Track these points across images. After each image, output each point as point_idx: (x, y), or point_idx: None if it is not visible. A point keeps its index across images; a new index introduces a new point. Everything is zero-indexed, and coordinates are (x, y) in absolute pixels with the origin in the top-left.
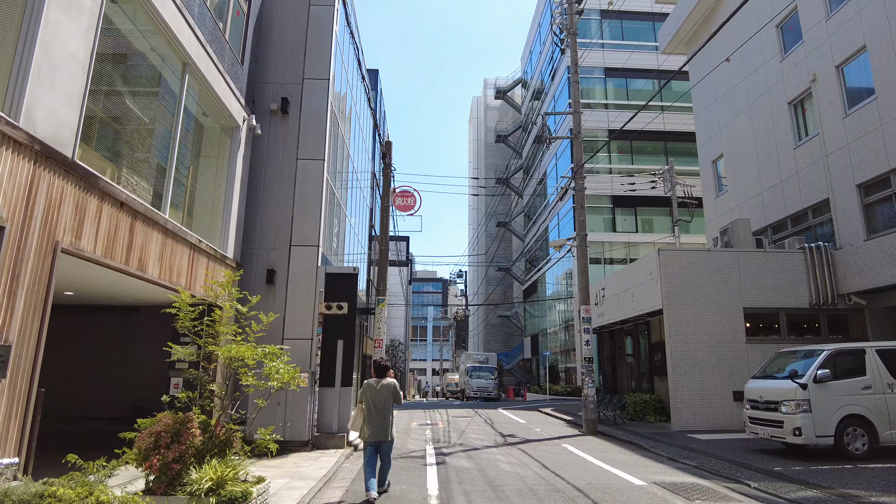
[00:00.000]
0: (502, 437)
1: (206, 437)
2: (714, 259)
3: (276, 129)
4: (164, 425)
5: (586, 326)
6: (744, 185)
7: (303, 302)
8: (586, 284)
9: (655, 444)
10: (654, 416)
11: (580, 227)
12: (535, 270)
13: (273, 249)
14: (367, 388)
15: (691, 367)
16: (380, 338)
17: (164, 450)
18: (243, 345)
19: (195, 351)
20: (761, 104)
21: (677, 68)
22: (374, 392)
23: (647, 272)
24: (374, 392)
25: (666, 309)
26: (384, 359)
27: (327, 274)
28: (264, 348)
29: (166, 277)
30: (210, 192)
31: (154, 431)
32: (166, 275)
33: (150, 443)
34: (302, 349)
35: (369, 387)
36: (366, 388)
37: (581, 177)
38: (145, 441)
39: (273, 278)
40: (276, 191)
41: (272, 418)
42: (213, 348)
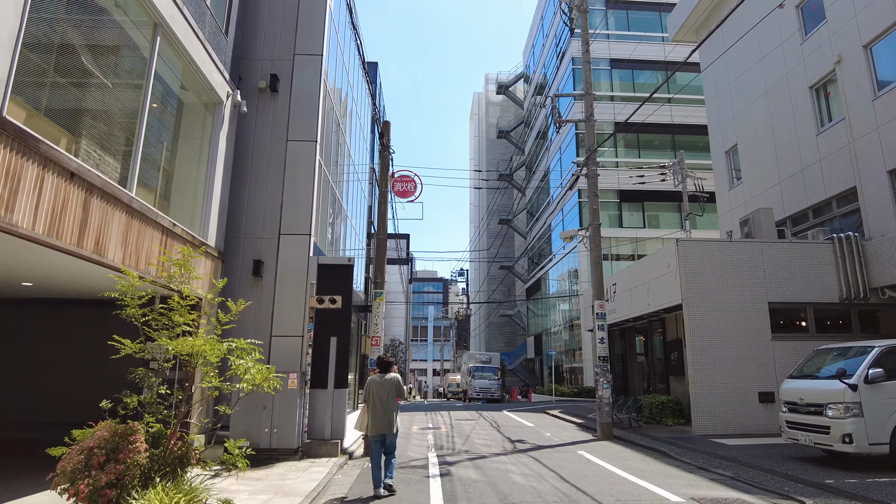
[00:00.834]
0: (511, 442)
1: (157, 452)
2: (736, 250)
3: (264, 108)
4: (97, 439)
5: (600, 323)
6: (760, 175)
7: (293, 296)
8: (600, 278)
9: (680, 450)
10: (672, 419)
11: (593, 217)
12: (539, 268)
13: (261, 238)
14: (371, 383)
15: (713, 365)
16: (377, 335)
17: (95, 471)
18: (202, 338)
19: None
20: (779, 90)
21: (685, 59)
22: (379, 386)
23: (664, 265)
24: (378, 386)
25: (686, 303)
26: (388, 354)
27: (320, 265)
28: (231, 343)
29: (132, 264)
30: (190, 174)
31: (85, 448)
32: (132, 261)
33: (78, 462)
34: (292, 347)
35: (374, 382)
36: (370, 384)
37: (594, 162)
38: (73, 460)
39: (260, 270)
40: (265, 175)
41: (257, 424)
42: (164, 342)
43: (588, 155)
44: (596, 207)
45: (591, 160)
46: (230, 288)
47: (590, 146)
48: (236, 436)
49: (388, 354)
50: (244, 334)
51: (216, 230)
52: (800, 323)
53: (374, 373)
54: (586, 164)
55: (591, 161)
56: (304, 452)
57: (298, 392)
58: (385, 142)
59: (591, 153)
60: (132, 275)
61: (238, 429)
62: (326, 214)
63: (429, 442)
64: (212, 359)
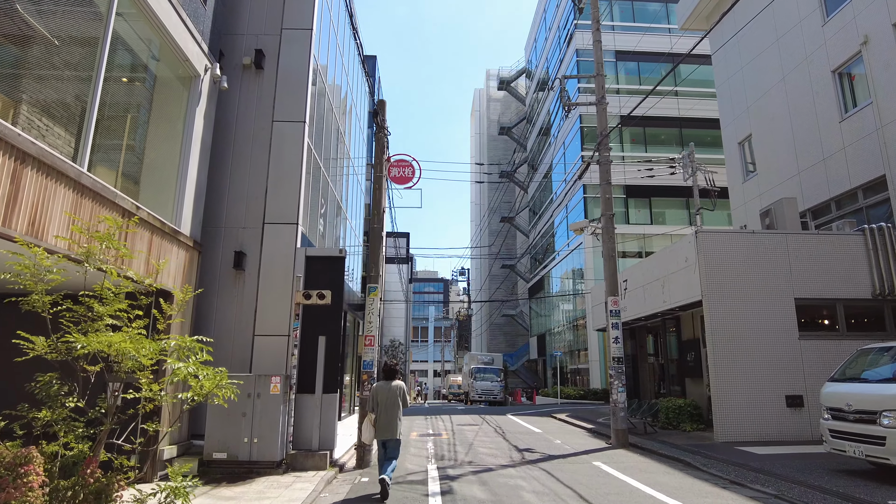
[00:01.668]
0: (518, 451)
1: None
2: (760, 242)
3: (248, 86)
4: None
5: (614, 321)
6: (777, 166)
7: (278, 291)
8: (614, 272)
9: (706, 460)
10: (690, 425)
11: (606, 206)
12: (542, 267)
13: (243, 228)
14: (377, 389)
15: (736, 367)
16: (371, 334)
17: None
18: (123, 334)
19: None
20: (798, 75)
21: (697, 42)
22: (384, 393)
23: (681, 259)
24: (384, 393)
25: (706, 300)
26: (394, 362)
27: (308, 257)
28: (170, 341)
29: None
30: (163, 154)
31: None
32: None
33: None
34: (276, 348)
35: (380, 388)
36: (377, 390)
37: (606, 148)
38: None
39: (242, 262)
40: (248, 158)
41: (236, 433)
42: (75, 337)
43: (600, 140)
44: (609, 196)
45: (603, 145)
46: (209, 282)
47: (601, 130)
48: (212, 447)
49: (395, 362)
50: (224, 335)
51: (191, 217)
52: (829, 320)
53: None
54: (598, 150)
55: (603, 146)
56: (288, 465)
57: (281, 398)
58: (380, 121)
59: (602, 138)
60: (39, 252)
61: (214, 438)
62: (317, 204)
63: (428, 451)
64: (143, 360)
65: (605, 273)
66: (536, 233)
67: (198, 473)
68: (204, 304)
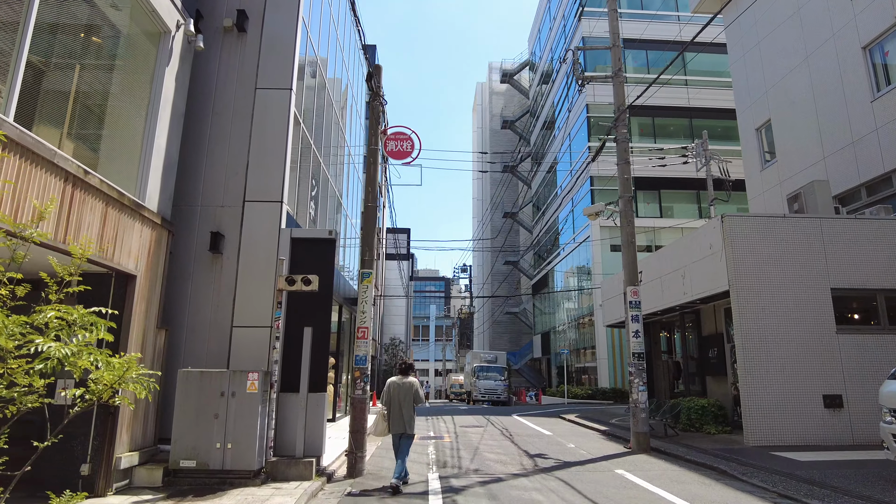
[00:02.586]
0: (530, 457)
1: None
2: (792, 228)
3: (229, 51)
4: None
5: (634, 313)
6: (799, 152)
7: (260, 276)
8: (633, 260)
9: (743, 468)
10: (715, 427)
11: (624, 188)
12: (546, 263)
13: (221, 207)
14: (391, 385)
15: (768, 363)
16: (364, 326)
17: None
18: None
19: None
20: (823, 54)
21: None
22: (398, 388)
23: (704, 246)
24: (398, 388)
25: (734, 290)
26: (408, 359)
27: (294, 239)
28: (46, 312)
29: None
30: (125, 118)
31: None
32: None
33: None
34: (258, 341)
35: (394, 384)
36: (391, 385)
37: (623, 124)
38: None
39: (219, 244)
40: (228, 130)
41: (207, 437)
42: None
43: (617, 116)
44: (627, 177)
45: (620, 122)
46: (182, 267)
47: (619, 106)
48: (179, 453)
49: (410, 361)
50: (199, 326)
51: (159, 191)
52: (868, 313)
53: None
54: (615, 127)
55: (621, 123)
56: (268, 475)
57: (260, 397)
58: (374, 86)
59: (620, 113)
60: None
61: (182, 444)
62: (308, 185)
63: (429, 457)
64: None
65: (624, 261)
66: (540, 228)
67: (162, 484)
68: (176, 291)
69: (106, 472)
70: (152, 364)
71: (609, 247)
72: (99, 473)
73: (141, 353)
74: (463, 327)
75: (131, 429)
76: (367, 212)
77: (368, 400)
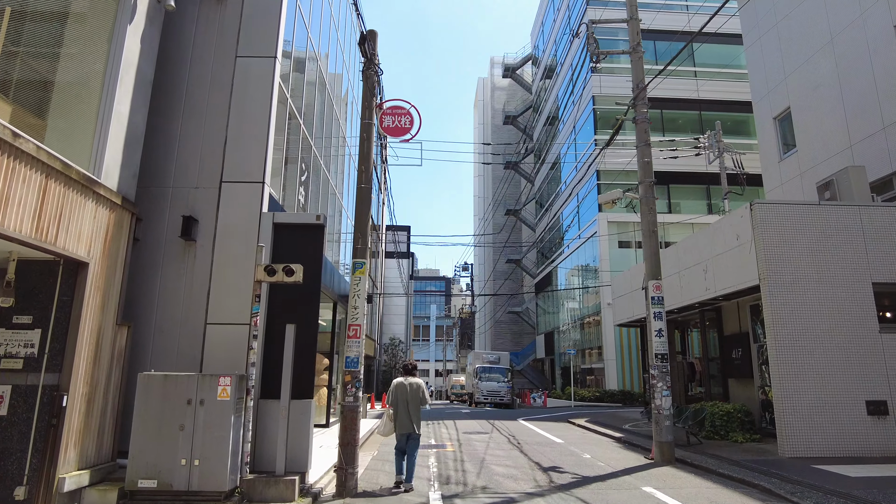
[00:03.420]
0: (543, 471)
1: None
2: (829, 217)
3: (207, 16)
4: None
5: (657, 310)
6: (822, 140)
7: (239, 267)
8: (656, 251)
9: (789, 486)
10: (742, 434)
11: (644, 173)
12: (549, 262)
13: (195, 188)
14: (398, 386)
15: (804, 365)
16: (356, 323)
17: None
18: None
19: None
20: (850, 35)
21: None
22: (405, 389)
23: (731, 237)
24: (404, 389)
25: (766, 284)
26: (412, 361)
27: (277, 225)
28: None
29: None
30: (78, 81)
31: None
32: None
33: None
34: (235, 340)
35: (400, 385)
36: (397, 386)
37: (644, 103)
38: None
39: (192, 230)
40: (204, 102)
41: (171, 452)
42: None
43: (636, 94)
44: (647, 160)
45: (640, 100)
46: (149, 255)
47: (638, 83)
48: (138, 471)
49: (412, 361)
50: (169, 323)
51: (120, 167)
52: None
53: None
54: (633, 106)
55: (640, 101)
56: (242, 495)
57: (232, 405)
58: (368, 52)
59: (639, 91)
60: None
61: (142, 460)
62: (298, 169)
63: (430, 471)
64: None
65: (645, 253)
66: (544, 226)
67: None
68: (142, 283)
69: (46, 495)
70: (111, 366)
71: (617, 243)
72: (36, 497)
73: (96, 353)
74: (464, 327)
75: (81, 443)
76: (360, 194)
77: (365, 406)
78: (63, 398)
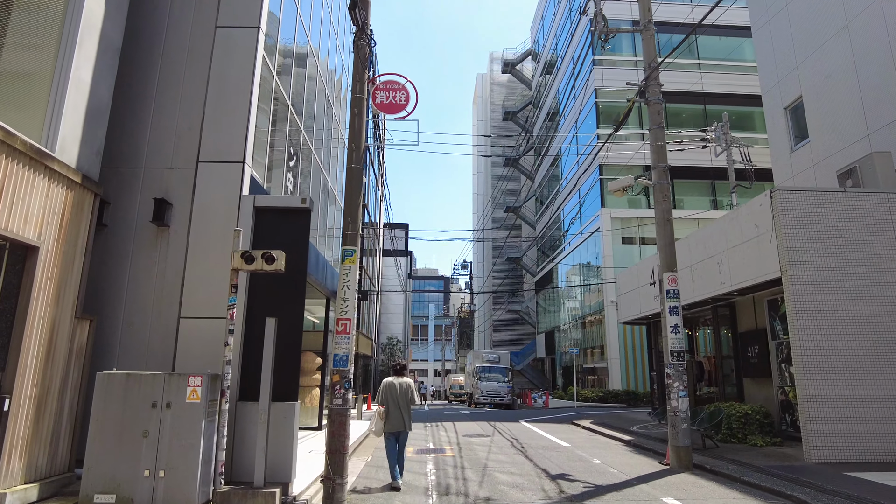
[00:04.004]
0: (551, 479)
1: None
2: (855, 204)
3: None
4: None
5: (673, 304)
6: (837, 129)
7: (216, 255)
8: (671, 241)
9: (828, 498)
10: (762, 438)
11: (658, 156)
12: (549, 259)
13: (170, 169)
14: (388, 386)
15: (831, 364)
16: (345, 317)
17: None
18: None
19: None
20: (868, 18)
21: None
22: (395, 389)
23: (749, 227)
24: (394, 389)
25: (788, 277)
26: (403, 360)
27: (259, 209)
28: None
29: None
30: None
31: None
32: None
33: None
34: (212, 336)
35: (390, 384)
36: (387, 386)
37: (656, 83)
38: None
39: (165, 214)
40: (181, 76)
41: (132, 461)
42: None
43: (648, 73)
44: (661, 144)
45: (653, 80)
46: (118, 242)
47: (650, 62)
48: (93, 484)
49: (404, 362)
50: (139, 316)
51: (80, 141)
52: None
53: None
54: (646, 86)
55: (653, 81)
56: None
57: (203, 408)
58: (360, 19)
59: (651, 71)
60: None
61: (99, 471)
62: (285, 153)
63: (428, 479)
64: None
65: (659, 243)
66: (544, 223)
67: None
68: (109, 273)
69: None
70: (68, 365)
71: (621, 239)
72: None
73: (49, 350)
74: (463, 326)
75: (29, 452)
76: (350, 174)
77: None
78: (5, 401)
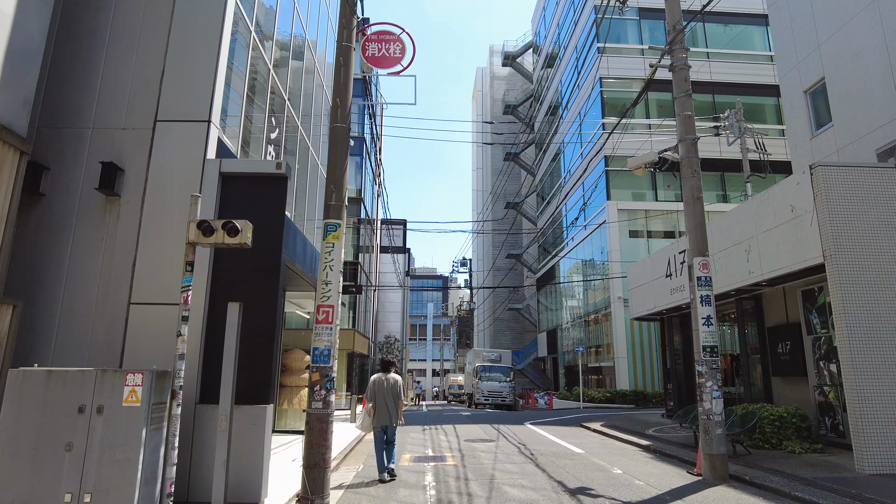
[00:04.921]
0: (569, 493)
1: None
2: None
3: None
4: None
5: (705, 293)
6: (865, 112)
7: (174, 230)
8: (701, 221)
9: None
10: (800, 444)
11: (687, 128)
12: (551, 256)
13: (122, 129)
14: (375, 382)
15: (884, 361)
16: (327, 304)
17: None
18: None
19: None
20: None
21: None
22: (382, 385)
23: (784, 208)
24: (381, 386)
25: (833, 264)
26: (391, 357)
27: (226, 175)
28: None
29: None
30: None
31: None
32: None
33: None
34: (168, 325)
35: (378, 381)
36: (375, 382)
37: (682, 47)
38: None
39: (115, 181)
40: (137, 21)
41: (51, 481)
42: None
43: (673, 37)
44: (689, 113)
45: (678, 43)
46: (58, 214)
47: (674, 24)
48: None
49: (392, 357)
50: (81, 301)
51: (6, 94)
52: None
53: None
54: (670, 51)
55: (678, 45)
56: None
57: (144, 413)
58: None
59: (676, 34)
60: None
61: (9, 494)
62: (265, 118)
63: (427, 494)
64: None
65: (688, 224)
66: (546, 219)
67: None
68: (46, 250)
69: None
70: None
71: (628, 232)
72: None
73: None
74: (462, 325)
75: None
76: (334, 134)
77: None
78: None
